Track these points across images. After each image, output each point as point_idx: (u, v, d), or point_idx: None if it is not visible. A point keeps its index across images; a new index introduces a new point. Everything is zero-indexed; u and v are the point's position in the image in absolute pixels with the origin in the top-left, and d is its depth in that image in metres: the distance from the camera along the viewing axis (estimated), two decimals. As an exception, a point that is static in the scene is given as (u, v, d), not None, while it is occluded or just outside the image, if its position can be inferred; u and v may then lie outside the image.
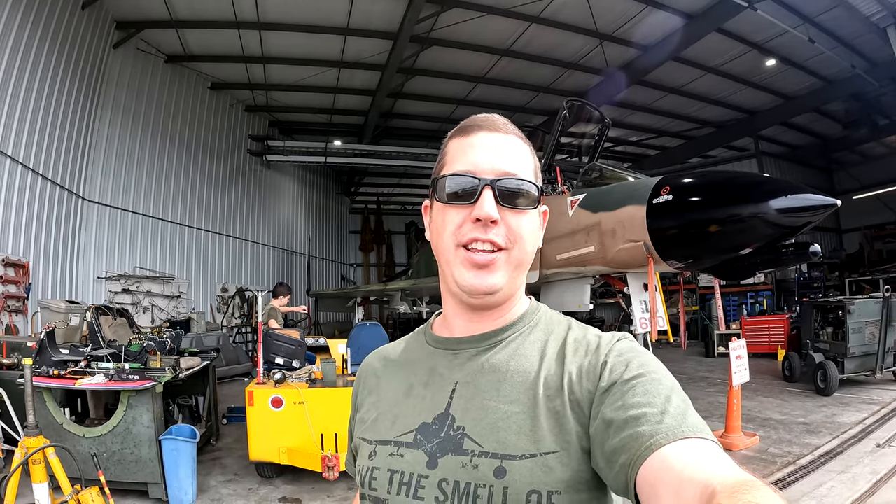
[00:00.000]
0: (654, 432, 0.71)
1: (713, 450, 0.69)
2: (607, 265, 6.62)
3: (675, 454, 0.68)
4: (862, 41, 12.93)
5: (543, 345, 0.93)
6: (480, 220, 0.89)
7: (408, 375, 1.01)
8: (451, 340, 1.00)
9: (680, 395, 0.78)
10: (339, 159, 19.44)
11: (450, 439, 0.87)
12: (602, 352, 0.87)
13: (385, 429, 0.95)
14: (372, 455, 0.94)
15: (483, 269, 0.90)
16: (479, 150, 0.93)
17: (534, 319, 0.99)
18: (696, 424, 0.73)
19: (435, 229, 0.97)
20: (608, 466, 0.75)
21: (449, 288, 0.97)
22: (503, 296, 0.94)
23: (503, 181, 0.90)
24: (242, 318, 16.22)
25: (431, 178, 0.99)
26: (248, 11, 12.17)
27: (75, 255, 11.35)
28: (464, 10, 12.19)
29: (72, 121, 10.84)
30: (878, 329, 9.08)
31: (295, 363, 6.12)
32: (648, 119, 18.95)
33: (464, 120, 1.00)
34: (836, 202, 4.83)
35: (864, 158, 21.22)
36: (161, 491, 5.00)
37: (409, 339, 1.13)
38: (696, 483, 0.61)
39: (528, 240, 0.93)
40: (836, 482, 5.00)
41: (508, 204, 0.90)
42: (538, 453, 0.80)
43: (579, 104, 8.08)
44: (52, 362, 5.25)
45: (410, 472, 0.87)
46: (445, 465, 0.85)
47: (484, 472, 0.82)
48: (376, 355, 1.14)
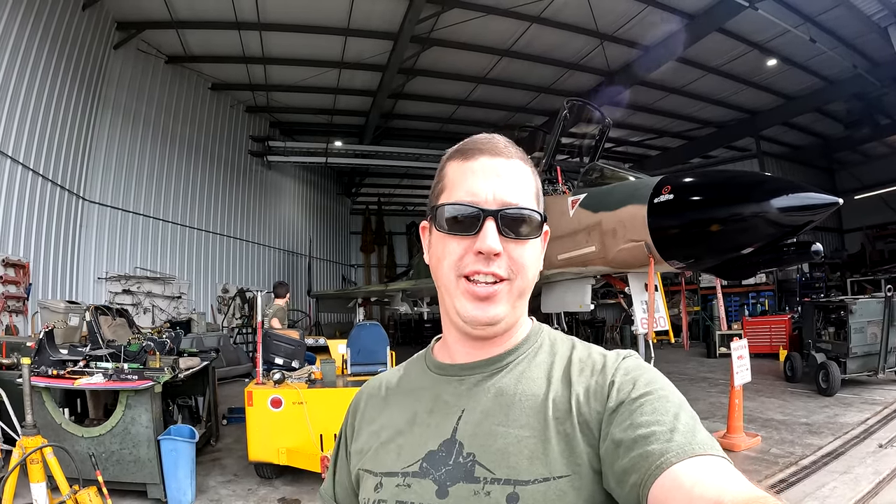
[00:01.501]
0: (665, 451, 0.70)
1: (724, 467, 0.69)
2: (608, 265, 6.62)
3: (686, 472, 0.67)
4: (863, 41, 12.94)
5: (549, 367, 0.91)
6: (482, 254, 0.86)
7: (412, 403, 0.97)
8: (455, 367, 0.96)
9: (688, 412, 0.78)
10: (340, 160, 19.49)
11: (459, 467, 0.84)
12: (608, 371, 0.86)
13: (391, 460, 0.91)
14: (378, 487, 0.90)
15: (485, 301, 0.87)
16: (480, 176, 0.89)
17: (538, 341, 0.97)
18: (706, 442, 0.72)
19: (434, 256, 0.94)
20: (619, 487, 0.75)
21: (450, 318, 0.94)
22: (505, 325, 0.92)
23: (506, 211, 0.87)
24: (243, 318, 16.23)
25: (430, 205, 0.96)
26: (248, 12, 12.19)
27: (76, 256, 11.36)
28: (464, 11, 12.21)
29: (72, 121, 10.86)
30: (881, 329, 9.05)
31: (294, 363, 6.10)
32: (650, 119, 18.95)
33: (467, 139, 0.96)
34: (838, 201, 4.82)
35: (865, 158, 21.20)
36: (160, 491, 5.00)
37: (408, 365, 1.09)
38: (707, 500, 0.61)
39: (530, 268, 0.90)
40: (838, 483, 4.98)
41: (511, 234, 0.87)
42: (551, 477, 0.79)
43: (580, 104, 8.09)
44: (50, 362, 5.25)
45: (420, 502, 0.84)
46: (457, 494, 0.82)
47: (496, 498, 0.79)
48: (375, 383, 1.10)
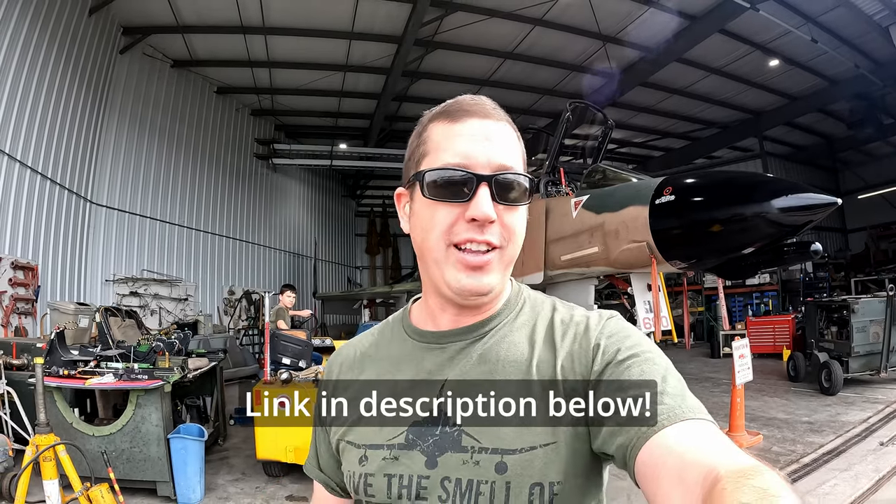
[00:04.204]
0: (655, 413, 0.71)
1: (714, 432, 0.68)
2: (611, 266, 6.64)
3: (677, 437, 0.67)
4: (865, 40, 12.92)
5: (531, 330, 0.90)
6: (476, 221, 0.82)
7: (391, 371, 0.93)
8: (436, 334, 0.93)
9: (675, 374, 0.78)
10: (345, 162, 19.53)
11: (446, 436, 0.84)
12: (592, 333, 0.84)
13: (373, 431, 0.89)
14: (363, 460, 0.88)
15: (477, 270, 0.84)
16: (469, 139, 0.84)
17: (518, 304, 0.95)
18: (695, 406, 0.72)
19: (418, 226, 0.89)
20: (606, 448, 0.76)
21: (437, 288, 0.90)
22: (495, 294, 0.90)
23: (499, 176, 0.83)
24: (249, 320, 16.27)
25: (412, 171, 0.90)
26: (253, 16, 12.29)
27: (83, 258, 11.48)
28: (467, 14, 12.26)
29: (80, 125, 10.98)
30: (883, 328, 9.04)
31: (301, 363, 6.17)
32: (652, 120, 18.95)
33: (451, 100, 0.90)
34: (837, 201, 4.85)
35: (869, 158, 21.07)
36: (169, 489, 5.05)
37: (382, 329, 1.05)
38: (699, 466, 0.61)
39: (521, 235, 0.88)
40: (838, 480, 5.01)
41: (504, 201, 0.84)
42: (537, 445, 0.79)
43: (583, 106, 8.12)
44: (62, 362, 5.32)
45: (410, 474, 0.84)
46: (446, 464, 0.82)
47: (485, 467, 0.80)
48: (349, 349, 1.05)
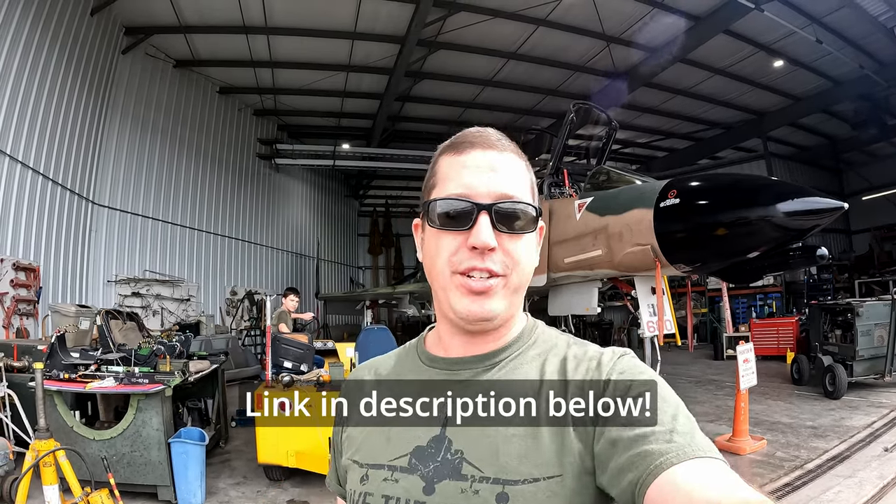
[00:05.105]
0: (664, 451, 0.70)
1: (723, 470, 0.68)
2: (615, 268, 6.62)
3: (686, 474, 0.67)
4: (869, 41, 12.89)
5: (542, 363, 0.89)
6: (477, 248, 0.84)
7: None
8: (448, 361, 0.94)
9: (685, 413, 0.78)
10: (348, 162, 19.50)
11: (447, 463, 0.83)
12: (604, 369, 0.84)
13: (377, 451, 0.90)
14: (364, 479, 0.89)
15: (480, 295, 0.85)
16: (473, 170, 0.87)
17: (532, 338, 0.94)
18: (705, 444, 0.72)
19: (428, 254, 0.92)
20: (614, 484, 0.75)
21: (444, 314, 0.92)
22: (501, 321, 0.90)
23: (500, 205, 0.85)
24: (251, 321, 16.28)
25: (422, 201, 0.93)
26: (256, 16, 12.27)
27: (85, 259, 11.46)
28: (471, 14, 12.24)
29: (81, 126, 10.96)
30: (888, 332, 8.98)
31: (303, 367, 6.16)
32: (656, 121, 18.90)
33: (459, 133, 0.94)
34: (844, 205, 4.82)
35: (873, 159, 20.97)
36: (170, 493, 5.04)
37: (399, 354, 1.06)
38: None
39: (526, 263, 0.88)
40: (842, 486, 4.97)
41: (506, 229, 0.85)
42: (541, 478, 0.78)
43: (586, 107, 8.09)
44: (62, 366, 5.32)
45: (406, 498, 0.84)
46: (443, 492, 0.82)
47: (485, 497, 0.79)
48: (366, 368, 1.07)
